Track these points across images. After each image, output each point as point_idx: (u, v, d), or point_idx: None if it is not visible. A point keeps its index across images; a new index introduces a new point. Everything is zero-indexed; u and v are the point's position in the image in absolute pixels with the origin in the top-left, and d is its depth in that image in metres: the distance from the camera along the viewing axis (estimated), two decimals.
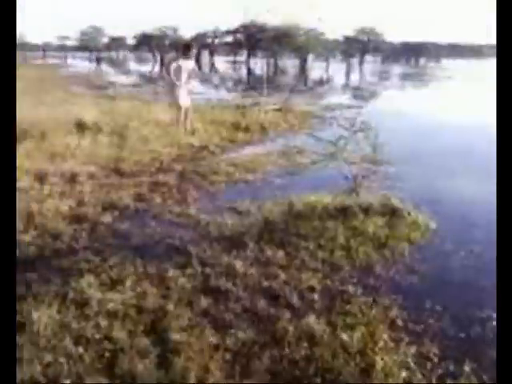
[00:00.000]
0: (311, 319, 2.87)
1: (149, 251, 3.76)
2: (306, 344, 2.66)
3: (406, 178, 6.02)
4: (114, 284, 3.18)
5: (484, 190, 5.60)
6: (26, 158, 6.22)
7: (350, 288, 3.30)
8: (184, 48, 8.56)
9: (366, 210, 4.51)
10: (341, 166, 5.19)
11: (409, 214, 4.55)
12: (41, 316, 2.72)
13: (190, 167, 6.48)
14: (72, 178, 5.62)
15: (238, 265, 3.52)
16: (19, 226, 4.15)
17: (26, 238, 3.94)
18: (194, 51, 8.58)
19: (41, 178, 5.53)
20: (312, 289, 3.28)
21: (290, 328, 2.78)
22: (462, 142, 9.35)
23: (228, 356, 2.54)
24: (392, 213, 4.57)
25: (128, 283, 3.18)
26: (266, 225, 4.33)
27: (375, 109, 15.47)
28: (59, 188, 5.28)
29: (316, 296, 3.20)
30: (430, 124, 11.81)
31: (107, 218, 4.48)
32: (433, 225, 4.46)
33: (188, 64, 8.39)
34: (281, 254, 3.75)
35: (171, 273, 3.38)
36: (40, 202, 4.73)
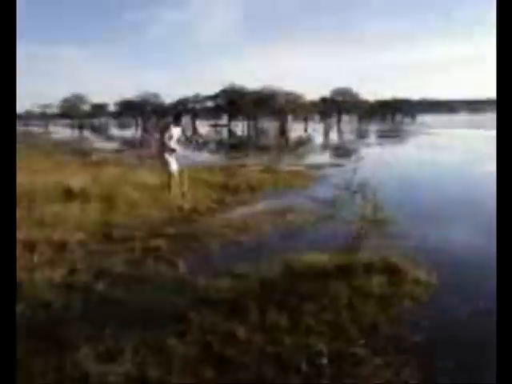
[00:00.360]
0: None
1: (145, 319, 3.61)
2: None
3: (404, 234, 6.01)
4: (112, 355, 3.01)
5: (479, 239, 5.65)
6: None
7: (359, 350, 3.19)
8: (175, 116, 8.83)
9: (367, 269, 4.45)
10: (338, 226, 5.19)
11: (409, 270, 4.52)
12: None
13: (182, 230, 6.40)
14: (62, 246, 5.48)
15: (241, 331, 3.39)
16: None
17: (16, 308, 3.76)
18: (183, 119, 8.88)
19: (30, 246, 5.38)
20: (320, 353, 3.16)
21: None
22: (450, 191, 9.65)
23: None
24: (393, 270, 4.52)
25: (127, 354, 3.02)
26: (264, 287, 4.22)
27: (360, 165, 15.72)
28: (49, 256, 5.13)
29: (325, 360, 3.08)
30: (414, 176, 12.18)
31: (100, 286, 4.33)
32: (434, 280, 4.42)
33: (178, 131, 8.59)
34: (284, 317, 3.63)
35: (171, 341, 3.23)
36: (30, 272, 4.58)
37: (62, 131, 51.86)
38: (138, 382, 2.73)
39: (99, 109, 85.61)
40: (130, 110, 74.72)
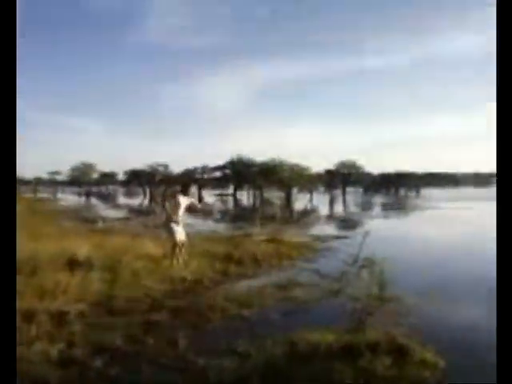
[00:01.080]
0: None
1: None
2: None
3: (411, 312, 5.85)
4: None
5: (484, 316, 5.50)
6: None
7: None
8: (183, 186, 9.01)
9: (373, 349, 4.29)
10: (344, 302, 5.08)
11: (416, 351, 4.35)
12: None
13: (184, 304, 6.27)
14: (61, 318, 5.36)
15: None
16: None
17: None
18: (191, 189, 9.04)
19: (29, 317, 5.27)
20: None
21: None
22: (460, 266, 9.52)
23: None
24: (399, 351, 4.36)
25: None
26: (268, 369, 4.05)
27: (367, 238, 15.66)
28: (48, 328, 5.01)
29: None
30: (419, 251, 12.04)
31: (98, 362, 4.18)
32: (442, 363, 4.24)
33: (185, 200, 8.71)
34: None
35: None
36: (27, 345, 4.45)
37: (70, 198, 52.42)
38: None
39: (108, 177, 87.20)
40: (138, 179, 76.06)
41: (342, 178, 73.85)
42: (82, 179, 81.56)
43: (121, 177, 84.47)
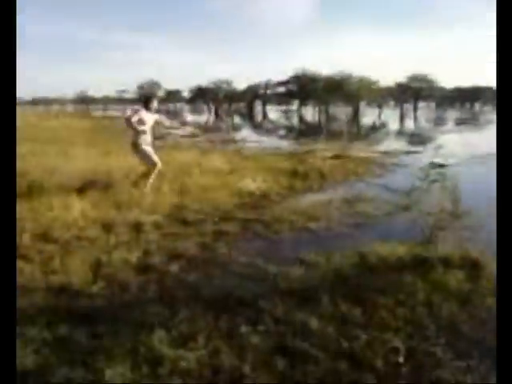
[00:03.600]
0: None
1: (218, 304, 3.61)
2: None
3: (483, 227, 5.64)
4: (185, 340, 3.04)
5: None
6: (93, 207, 6.37)
7: (438, 350, 3.01)
8: (145, 100, 7.63)
9: (445, 263, 4.20)
10: (415, 217, 4.94)
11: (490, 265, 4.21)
12: (113, 375, 2.61)
13: (252, 216, 6.39)
14: (138, 227, 5.66)
15: (314, 323, 3.31)
16: (87, 276, 4.16)
17: (94, 289, 3.92)
18: (154, 104, 7.49)
19: (107, 227, 5.60)
20: (396, 351, 3.01)
21: None
22: None
23: None
24: (472, 265, 4.24)
25: (200, 340, 3.04)
26: (337, 278, 4.10)
27: (437, 154, 14.99)
28: (125, 238, 5.31)
29: (401, 358, 2.93)
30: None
31: (174, 269, 4.41)
32: None
33: (151, 117, 7.55)
34: (358, 311, 3.50)
35: (243, 329, 3.21)
36: (107, 252, 4.76)
37: None
38: (210, 369, 2.74)
39: (173, 95, 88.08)
40: (203, 96, 76.23)
41: (413, 91, 69.92)
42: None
43: (186, 94, 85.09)
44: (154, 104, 7.62)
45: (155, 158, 7.48)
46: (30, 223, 5.47)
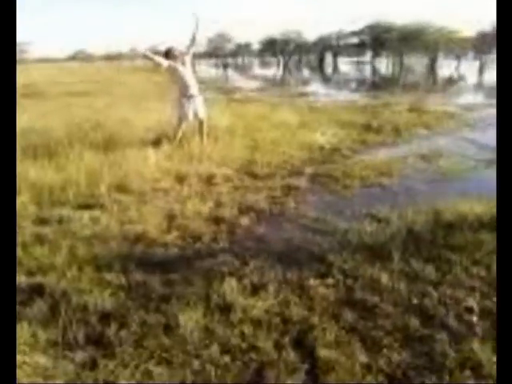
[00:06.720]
0: (475, 345, 2.52)
1: (287, 257, 3.65)
2: (470, 373, 2.34)
3: None
4: (255, 290, 3.11)
5: None
6: (166, 159, 6.55)
7: None
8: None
9: None
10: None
11: None
12: (187, 320, 2.73)
13: (322, 170, 6.30)
14: (209, 180, 5.77)
15: (384, 278, 3.25)
16: (162, 225, 4.32)
17: (168, 238, 4.07)
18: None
19: (180, 179, 5.76)
20: (470, 310, 2.91)
21: (451, 353, 2.47)
22: None
23: (382, 378, 2.32)
24: None
25: (270, 290, 3.09)
26: (409, 235, 3.97)
27: None
28: (198, 189, 5.44)
29: (475, 318, 2.83)
30: None
31: (245, 221, 4.48)
32: None
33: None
34: (430, 268, 3.39)
35: (312, 282, 3.22)
36: (181, 203, 4.90)
37: (207, 70, 53.98)
38: (279, 318, 2.79)
39: (243, 48, 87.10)
40: (273, 48, 74.73)
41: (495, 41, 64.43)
42: (218, 51, 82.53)
43: (255, 47, 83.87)
44: (175, 53, 7.27)
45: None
46: (106, 174, 5.71)
